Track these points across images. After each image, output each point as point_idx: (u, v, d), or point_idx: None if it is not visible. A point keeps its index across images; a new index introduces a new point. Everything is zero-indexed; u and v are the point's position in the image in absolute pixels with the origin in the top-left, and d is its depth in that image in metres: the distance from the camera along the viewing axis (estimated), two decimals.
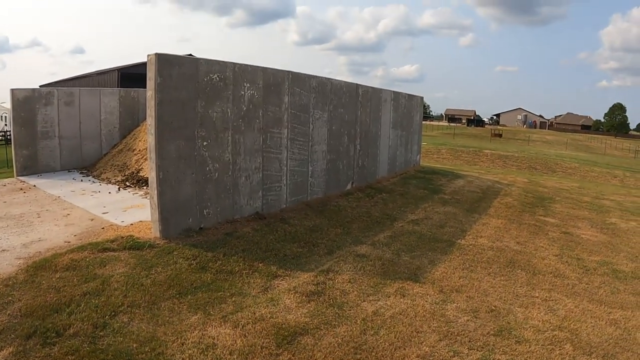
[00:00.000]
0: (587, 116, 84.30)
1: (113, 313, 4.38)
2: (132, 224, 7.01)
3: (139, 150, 11.06)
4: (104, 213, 7.70)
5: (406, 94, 13.90)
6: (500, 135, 41.34)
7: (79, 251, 5.76)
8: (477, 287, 5.42)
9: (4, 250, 5.85)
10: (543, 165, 23.35)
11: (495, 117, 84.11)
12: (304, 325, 4.35)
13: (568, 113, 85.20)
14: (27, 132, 11.20)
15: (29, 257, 5.65)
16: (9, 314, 4.29)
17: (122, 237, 6.20)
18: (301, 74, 8.62)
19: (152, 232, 6.31)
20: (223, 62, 6.84)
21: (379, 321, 4.47)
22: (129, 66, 25.26)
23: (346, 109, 10.25)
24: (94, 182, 10.39)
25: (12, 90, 10.95)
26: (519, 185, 14.81)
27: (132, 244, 5.94)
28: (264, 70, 7.66)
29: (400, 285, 5.27)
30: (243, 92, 7.23)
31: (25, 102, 11.11)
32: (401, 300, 4.91)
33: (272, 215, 7.90)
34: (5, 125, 24.85)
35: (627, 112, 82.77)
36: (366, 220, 8.23)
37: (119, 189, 9.53)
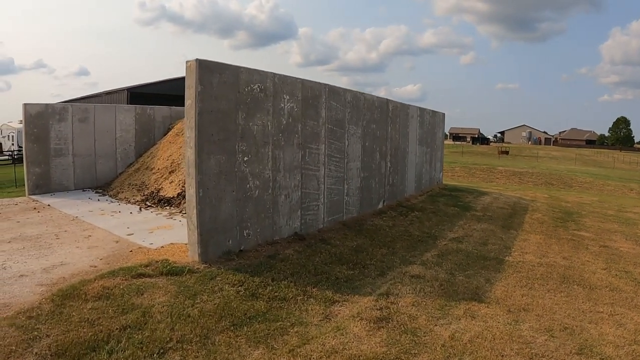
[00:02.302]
0: (591, 131, 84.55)
1: (161, 350, 3.76)
2: (162, 247, 6.42)
3: (158, 169, 10.53)
4: (129, 234, 7.10)
5: (430, 110, 13.53)
6: (507, 153, 41.15)
7: (110, 277, 5.14)
8: (542, 305, 5.20)
9: (22, 276, 5.23)
10: (559, 180, 23.05)
11: (499, 135, 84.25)
12: (382, 357, 3.83)
13: (572, 128, 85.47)
14: (39, 149, 10.69)
15: (52, 283, 5.04)
16: (36, 353, 3.66)
17: (157, 261, 5.60)
18: (337, 87, 8.21)
19: (189, 256, 5.72)
20: (263, 71, 6.40)
21: (459, 347, 4.06)
22: (138, 86, 25.00)
23: (378, 124, 9.82)
24: (111, 201, 9.81)
25: (25, 105, 10.49)
26: (542, 201, 14.55)
27: (170, 269, 5.33)
28: (303, 82, 7.23)
29: (467, 307, 5.00)
30: (283, 105, 6.77)
31: (38, 117, 10.64)
32: (473, 322, 4.63)
33: (311, 236, 7.35)
34: (12, 144, 24.30)
35: (631, 125, 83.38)
36: (407, 239, 7.90)
37: (140, 208, 8.95)
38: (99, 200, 10.01)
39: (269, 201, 6.58)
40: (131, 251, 6.29)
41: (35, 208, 9.35)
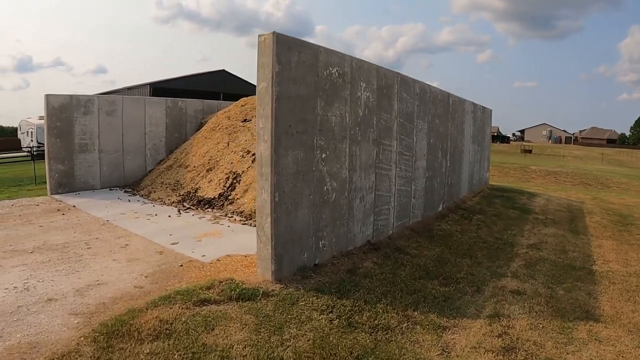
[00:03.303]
0: (611, 130, 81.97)
1: None
2: (218, 260, 5.40)
3: (194, 167, 9.53)
4: (173, 243, 6.10)
5: (481, 105, 12.42)
6: (530, 152, 39.71)
7: (165, 304, 4.10)
8: None
9: (51, 300, 4.21)
10: (594, 181, 21.92)
11: (519, 133, 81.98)
12: None
13: (592, 127, 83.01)
14: (63, 145, 9.73)
15: (89, 312, 4.01)
16: None
17: (220, 282, 4.57)
18: (407, 77, 7.15)
19: (259, 273, 4.70)
20: (341, 54, 5.36)
21: None
22: (161, 81, 24.13)
23: (440, 120, 8.76)
24: (144, 202, 8.82)
25: (47, 97, 9.54)
26: (590, 203, 13.77)
27: (240, 292, 4.31)
28: (378, 69, 6.18)
29: (586, 328, 4.56)
30: (360, 94, 5.73)
31: (62, 110, 9.68)
32: (602, 347, 4.18)
33: (384, 244, 6.40)
34: (32, 140, 23.52)
35: None
36: (483, 246, 7.29)
37: (178, 211, 7.96)
38: (129, 200, 9.03)
39: (344, 205, 5.55)
40: (181, 265, 5.28)
41: (59, 210, 8.40)
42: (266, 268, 4.60)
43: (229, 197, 8.16)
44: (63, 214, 8.01)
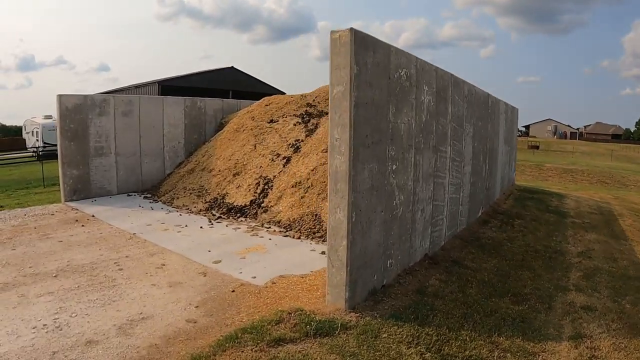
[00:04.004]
0: (616, 125, 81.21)
1: None
2: (274, 283, 4.89)
3: (219, 171, 8.98)
4: (215, 262, 5.56)
5: (510, 105, 11.98)
6: (537, 147, 39.23)
7: (233, 348, 3.54)
8: None
9: (90, 343, 3.63)
10: (611, 179, 21.66)
11: (524, 129, 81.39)
12: None
13: (597, 122, 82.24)
14: (77, 148, 9.13)
15: (140, 357, 3.47)
16: None
17: (289, 313, 4.07)
18: (458, 78, 6.67)
19: (330, 301, 4.21)
20: (408, 54, 4.86)
21: None
22: (169, 78, 23.37)
23: (482, 122, 8.31)
24: (169, 210, 8.27)
25: (60, 97, 8.92)
26: (615, 203, 13.51)
27: (317, 327, 3.81)
28: (436, 70, 5.70)
29: None
30: (423, 98, 5.24)
31: (76, 111, 9.07)
32: None
33: (440, 257, 6.07)
34: (37, 140, 22.74)
35: None
36: (536, 256, 6.98)
37: (209, 221, 7.42)
38: (152, 208, 8.47)
39: (409, 219, 5.09)
40: (233, 291, 4.74)
41: (77, 220, 7.81)
42: (338, 296, 4.11)
43: (262, 205, 7.65)
44: (83, 226, 7.43)
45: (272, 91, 25.75)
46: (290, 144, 8.68)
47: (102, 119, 9.33)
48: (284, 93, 27.32)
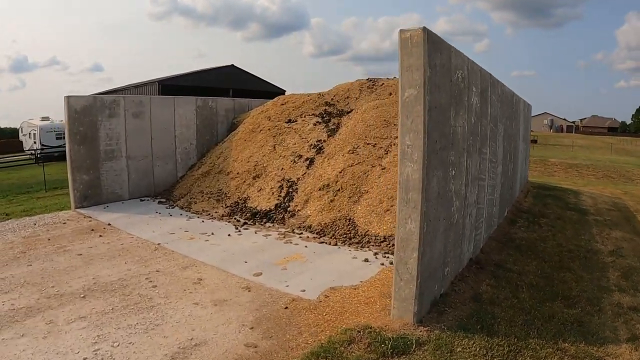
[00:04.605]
0: (612, 118, 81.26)
1: None
2: (326, 296, 4.65)
3: (238, 174, 8.67)
4: (256, 274, 5.26)
5: (527, 102, 11.89)
6: (535, 142, 39.32)
7: None
8: None
9: None
10: (616, 173, 21.84)
11: None
12: None
13: (593, 115, 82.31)
14: (87, 152, 8.72)
15: None
16: None
17: (358, 332, 3.84)
18: (494, 77, 6.51)
19: (396, 315, 4.01)
20: (462, 54, 4.66)
21: None
22: (169, 78, 22.82)
23: (510, 121, 8.19)
24: (189, 216, 7.94)
25: (68, 98, 8.49)
26: (626, 199, 13.56)
27: (392, 346, 3.61)
28: (480, 70, 5.52)
29: None
30: (472, 99, 5.05)
31: (85, 113, 8.65)
32: None
33: (483, 261, 6.01)
34: (35, 142, 22.02)
35: None
36: (570, 256, 6.94)
37: (236, 228, 7.13)
38: (170, 214, 8.13)
39: (460, 225, 4.93)
40: (286, 308, 4.43)
41: (93, 229, 7.34)
42: (406, 309, 3.92)
43: (289, 209, 7.39)
44: (100, 236, 7.00)
45: (273, 89, 25.33)
46: (311, 144, 8.42)
47: (112, 120, 8.93)
48: (284, 91, 27.12)
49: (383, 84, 9.39)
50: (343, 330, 3.85)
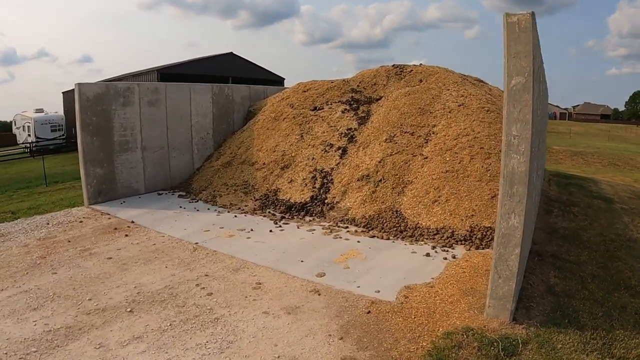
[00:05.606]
0: (604, 105, 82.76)
1: None
2: (405, 297, 4.40)
3: (264, 164, 8.30)
4: (319, 275, 4.93)
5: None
6: None
7: None
8: None
9: None
10: (621, 161, 22.15)
11: None
12: None
13: (586, 103, 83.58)
14: (100, 144, 8.18)
15: None
16: None
17: (462, 334, 3.64)
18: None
19: (490, 314, 3.85)
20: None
21: None
22: (169, 66, 21.98)
23: (543, 108, 8.03)
24: (218, 211, 7.55)
25: (79, 86, 7.91)
26: (639, 187, 13.63)
27: (504, 347, 3.44)
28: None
29: None
30: (540, 83, 4.83)
31: (98, 101, 8.08)
32: None
33: (537, 251, 5.90)
34: (29, 135, 20.97)
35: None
36: (614, 245, 6.92)
37: (275, 222, 6.80)
38: (196, 209, 7.72)
39: (532, 215, 4.74)
40: (369, 312, 4.10)
41: (115, 228, 6.75)
42: (503, 308, 3.74)
43: (326, 201, 7.10)
44: (126, 235, 6.43)
45: (272, 77, 24.82)
46: (342, 133, 8.11)
47: (126, 109, 8.38)
48: (283, 79, 26.53)
49: (412, 70, 9.11)
50: (445, 335, 3.65)
